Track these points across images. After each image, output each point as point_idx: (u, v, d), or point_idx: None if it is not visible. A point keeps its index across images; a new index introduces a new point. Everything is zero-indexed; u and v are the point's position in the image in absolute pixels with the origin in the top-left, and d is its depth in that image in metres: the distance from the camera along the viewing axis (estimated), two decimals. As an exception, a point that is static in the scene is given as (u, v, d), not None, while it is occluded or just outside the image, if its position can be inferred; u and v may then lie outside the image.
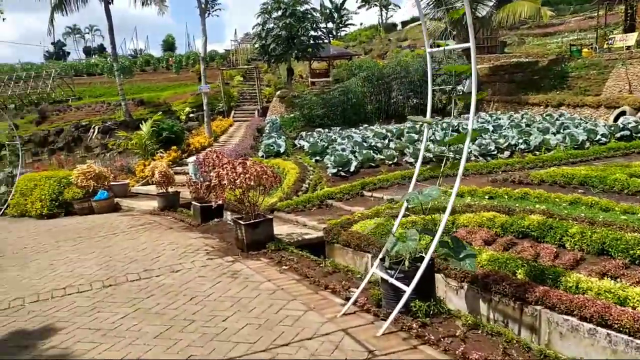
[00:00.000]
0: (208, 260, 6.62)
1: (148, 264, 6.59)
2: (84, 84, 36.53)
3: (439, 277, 4.92)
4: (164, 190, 10.92)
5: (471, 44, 3.96)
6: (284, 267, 6.07)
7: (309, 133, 16.08)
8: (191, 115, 25.39)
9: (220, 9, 21.67)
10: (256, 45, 30.88)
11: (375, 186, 9.50)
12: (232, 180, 6.75)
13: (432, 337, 3.73)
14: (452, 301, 4.93)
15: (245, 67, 32.39)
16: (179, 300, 5.08)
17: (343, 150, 11.71)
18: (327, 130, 16.62)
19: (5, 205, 13.37)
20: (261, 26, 25.48)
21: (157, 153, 14.32)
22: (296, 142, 15.77)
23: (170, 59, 42.13)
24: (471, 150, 11.62)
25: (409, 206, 4.38)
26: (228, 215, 9.27)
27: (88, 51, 69.62)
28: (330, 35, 48.98)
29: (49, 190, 12.01)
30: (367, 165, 11.16)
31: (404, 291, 4.13)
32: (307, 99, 20.96)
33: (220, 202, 6.88)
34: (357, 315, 4.39)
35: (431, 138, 13.01)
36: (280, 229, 7.62)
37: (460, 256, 4.15)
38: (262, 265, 6.26)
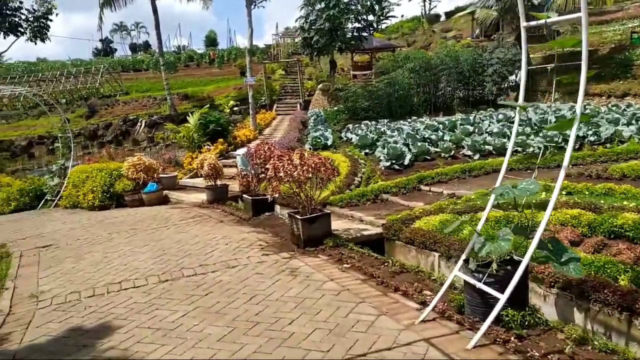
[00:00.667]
0: (263, 256, 6.32)
1: (202, 259, 6.35)
2: (130, 79, 37.37)
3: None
4: (213, 183, 10.76)
5: (582, 14, 3.42)
6: (345, 265, 5.68)
7: (356, 125, 15.61)
8: (235, 108, 25.40)
9: (265, 0, 21.30)
10: (296, 40, 30.50)
11: (433, 180, 8.95)
12: (288, 172, 6.41)
13: (536, 354, 3.23)
14: (539, 309, 4.39)
15: (288, 59, 32.19)
16: (239, 299, 4.77)
17: (395, 142, 11.18)
18: (374, 122, 16.10)
19: (58, 197, 13.64)
20: (304, 18, 25.11)
21: (204, 146, 14.23)
22: (342, 134, 15.35)
23: (212, 52, 42.56)
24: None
25: (501, 202, 3.87)
26: (278, 209, 8.98)
27: (134, 48, 71.47)
28: (371, 28, 47.93)
29: (100, 182, 12.11)
30: (421, 159, 10.60)
31: (494, 298, 3.66)
32: (351, 91, 20.51)
33: (276, 195, 6.56)
34: (438, 322, 3.94)
35: (487, 130, 12.29)
36: (335, 224, 7.22)
37: (562, 260, 3.62)
38: (321, 262, 5.89)
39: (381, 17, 53.21)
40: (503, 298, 3.53)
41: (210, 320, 4.31)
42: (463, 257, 4.05)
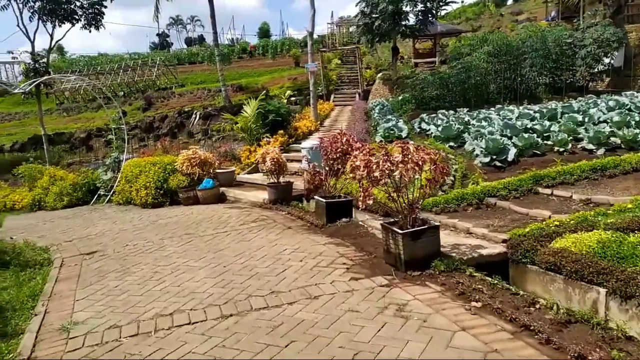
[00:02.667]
0: (352, 281, 4.83)
1: (273, 282, 4.95)
2: (186, 72, 37.15)
3: None
4: (275, 180, 9.42)
5: None
6: (473, 303, 4.07)
7: (432, 115, 13.79)
8: (292, 98, 24.14)
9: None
10: (351, 29, 28.69)
11: (554, 181, 7.09)
12: (386, 171, 4.86)
13: None
14: None
15: (346, 47, 30.68)
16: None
17: (491, 133, 9.34)
18: (451, 112, 14.21)
19: (111, 192, 12.83)
20: (365, 2, 23.41)
21: (262, 138, 12.96)
22: (415, 125, 13.59)
23: (250, 46, 41.81)
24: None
25: None
26: (353, 212, 7.46)
27: (189, 42, 72.15)
28: (429, 15, 45.26)
29: (154, 177, 11.10)
30: (528, 154, 8.69)
31: None
32: (419, 78, 18.65)
33: (370, 202, 5.02)
34: None
35: (601, 119, 10.15)
36: (437, 238, 5.60)
37: None
38: (435, 295, 4.32)
39: (441, 3, 50.41)
40: None
41: (301, 401, 2.86)
42: None
